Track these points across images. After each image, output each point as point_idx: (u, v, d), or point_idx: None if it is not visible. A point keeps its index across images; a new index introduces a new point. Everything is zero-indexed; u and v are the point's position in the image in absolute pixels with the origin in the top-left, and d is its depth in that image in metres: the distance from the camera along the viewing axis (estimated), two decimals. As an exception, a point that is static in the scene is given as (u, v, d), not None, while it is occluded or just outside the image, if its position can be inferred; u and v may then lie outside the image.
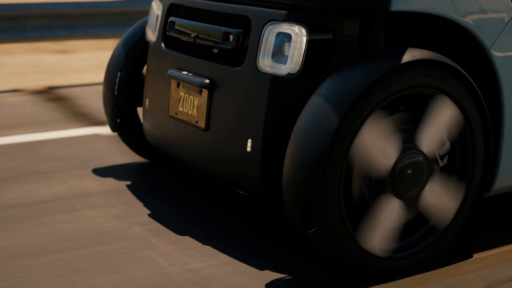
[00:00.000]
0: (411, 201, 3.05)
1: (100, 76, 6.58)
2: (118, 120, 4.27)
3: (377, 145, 2.90)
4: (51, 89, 6.50)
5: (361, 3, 2.98)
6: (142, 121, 4.14)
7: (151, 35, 3.96)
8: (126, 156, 4.55)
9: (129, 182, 4.12)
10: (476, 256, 3.26)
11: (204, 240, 3.36)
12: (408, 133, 3.02)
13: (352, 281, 3.01)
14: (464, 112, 3.10)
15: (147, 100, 3.98)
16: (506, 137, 3.32)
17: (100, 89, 5.68)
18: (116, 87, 4.22)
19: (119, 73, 4.23)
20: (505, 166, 3.35)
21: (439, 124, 3.03)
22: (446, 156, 3.13)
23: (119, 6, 6.94)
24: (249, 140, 3.18)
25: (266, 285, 2.96)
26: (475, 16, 3.13)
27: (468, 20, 3.12)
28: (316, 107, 2.87)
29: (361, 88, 2.82)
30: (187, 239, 3.37)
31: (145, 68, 4.28)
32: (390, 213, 2.99)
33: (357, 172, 2.94)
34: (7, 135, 4.98)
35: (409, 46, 3.07)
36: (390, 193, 2.98)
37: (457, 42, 3.34)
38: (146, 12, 6.60)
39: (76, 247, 3.27)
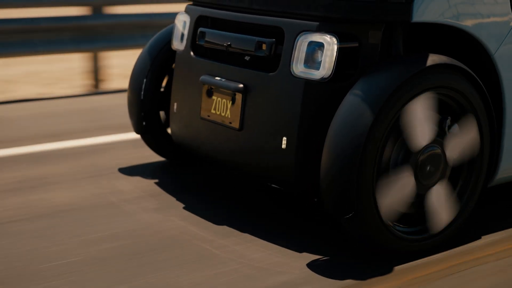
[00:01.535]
0: (443, 173, 3.49)
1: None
2: (144, 123, 4.60)
3: (422, 120, 3.34)
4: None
5: (387, 15, 3.39)
6: (170, 123, 4.47)
7: (178, 45, 4.31)
8: (147, 158, 4.87)
9: (156, 180, 4.46)
10: (484, 238, 3.69)
11: (242, 229, 3.72)
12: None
13: (381, 262, 3.40)
14: (474, 110, 3.53)
15: (175, 104, 4.32)
16: (507, 134, 3.75)
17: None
18: (142, 92, 4.56)
19: (144, 80, 4.56)
20: (506, 159, 3.79)
21: (428, 119, 3.43)
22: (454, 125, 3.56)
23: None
24: (284, 138, 3.56)
25: (307, 264, 3.34)
26: (482, 26, 3.56)
27: (476, 29, 3.55)
28: (351, 106, 3.27)
29: (391, 89, 3.23)
30: (226, 229, 3.72)
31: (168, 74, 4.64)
32: (439, 195, 3.45)
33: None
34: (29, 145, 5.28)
35: (420, 52, 3.49)
36: (437, 183, 3.44)
37: (463, 48, 3.77)
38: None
39: (129, 237, 3.61)
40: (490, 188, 3.94)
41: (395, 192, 3.35)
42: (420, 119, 3.36)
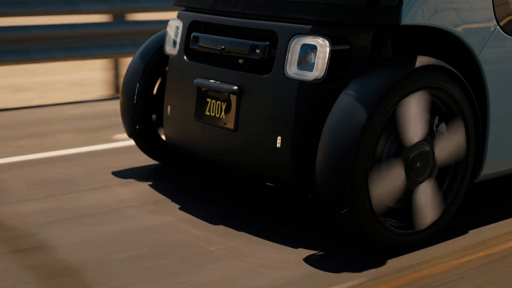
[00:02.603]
0: (431, 172, 3.62)
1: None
2: (137, 127, 4.69)
3: (415, 117, 3.47)
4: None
5: (377, 19, 3.53)
6: (163, 126, 4.56)
7: (171, 49, 4.42)
8: (140, 162, 4.96)
9: (151, 183, 4.55)
10: (471, 231, 3.84)
11: (239, 228, 3.82)
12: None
13: (375, 256, 3.52)
14: (460, 109, 3.68)
15: (168, 107, 4.42)
16: (491, 131, 3.91)
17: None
18: (135, 97, 4.65)
19: (137, 84, 4.66)
20: (490, 157, 3.94)
21: (422, 116, 3.56)
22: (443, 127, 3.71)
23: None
24: (279, 137, 3.68)
25: (304, 259, 3.46)
26: (467, 29, 3.72)
27: (461, 32, 3.70)
28: (345, 106, 3.40)
29: (383, 89, 3.37)
30: (223, 228, 3.82)
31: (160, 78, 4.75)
32: (426, 193, 3.58)
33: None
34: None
35: (409, 54, 3.64)
36: (425, 181, 3.58)
37: (447, 50, 3.92)
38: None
39: (128, 240, 3.71)
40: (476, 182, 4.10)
41: (386, 184, 3.47)
42: (414, 115, 3.49)
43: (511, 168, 4.16)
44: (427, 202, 3.62)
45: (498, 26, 3.85)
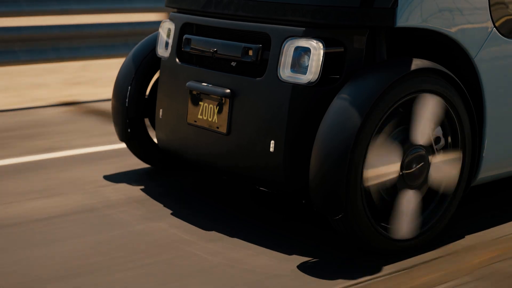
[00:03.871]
0: (422, 184, 3.55)
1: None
2: (129, 130, 4.63)
3: (381, 161, 3.39)
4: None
5: (371, 21, 3.47)
6: (155, 130, 4.50)
7: (163, 52, 4.36)
8: (132, 166, 4.89)
9: (143, 187, 4.49)
10: (467, 236, 3.79)
11: (231, 233, 3.76)
12: (405, 133, 3.51)
13: (370, 262, 3.47)
14: (456, 113, 3.62)
15: (160, 110, 4.36)
16: (487, 135, 3.86)
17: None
18: (127, 100, 4.59)
19: (129, 87, 4.60)
20: (486, 160, 3.89)
21: (432, 120, 3.54)
22: (442, 150, 3.65)
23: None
24: (272, 141, 3.62)
25: (298, 266, 3.40)
26: (463, 31, 3.67)
27: (457, 34, 3.65)
28: (339, 109, 3.35)
29: (378, 92, 3.31)
30: (215, 233, 3.76)
31: (152, 81, 4.68)
32: (409, 203, 3.50)
33: (374, 189, 3.44)
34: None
35: (404, 57, 3.59)
36: (405, 188, 3.49)
37: (443, 52, 3.87)
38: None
39: (118, 245, 3.64)
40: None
41: (382, 157, 3.41)
42: (428, 117, 3.47)
43: (508, 171, 4.12)
44: (407, 213, 3.51)
45: (494, 28, 3.80)
